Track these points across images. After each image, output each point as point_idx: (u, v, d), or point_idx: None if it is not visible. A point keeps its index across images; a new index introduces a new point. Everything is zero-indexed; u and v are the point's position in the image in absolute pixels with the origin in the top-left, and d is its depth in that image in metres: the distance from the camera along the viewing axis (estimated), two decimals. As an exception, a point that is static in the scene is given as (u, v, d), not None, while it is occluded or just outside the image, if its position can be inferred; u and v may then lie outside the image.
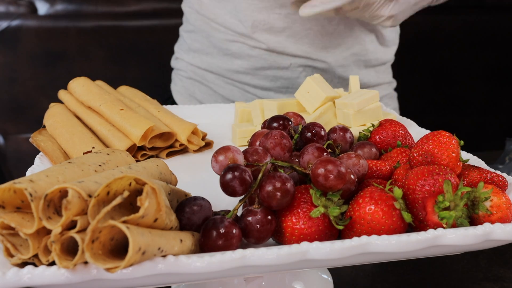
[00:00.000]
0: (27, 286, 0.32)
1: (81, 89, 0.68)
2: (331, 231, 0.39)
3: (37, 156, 0.57)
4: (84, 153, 0.55)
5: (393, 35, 0.99)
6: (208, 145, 0.68)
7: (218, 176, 0.41)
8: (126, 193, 0.32)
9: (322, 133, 0.53)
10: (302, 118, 0.61)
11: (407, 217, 0.38)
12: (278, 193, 0.38)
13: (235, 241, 0.37)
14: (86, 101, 0.66)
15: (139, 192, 0.34)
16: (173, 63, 1.07)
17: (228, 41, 0.91)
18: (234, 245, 0.37)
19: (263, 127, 0.61)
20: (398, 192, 0.39)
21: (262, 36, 0.88)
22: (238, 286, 0.49)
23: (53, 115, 0.64)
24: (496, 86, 1.83)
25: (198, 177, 0.59)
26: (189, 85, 1.02)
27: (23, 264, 0.34)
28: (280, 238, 0.40)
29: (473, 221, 0.41)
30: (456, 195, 0.39)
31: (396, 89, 1.08)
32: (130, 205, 0.35)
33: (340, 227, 0.39)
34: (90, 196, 0.33)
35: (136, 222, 0.32)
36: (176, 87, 1.06)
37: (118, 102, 0.65)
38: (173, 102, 1.06)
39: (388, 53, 1.00)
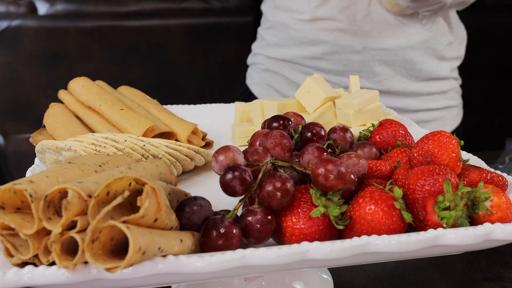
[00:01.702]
0: (27, 286, 0.32)
1: (81, 89, 0.67)
2: (331, 231, 0.39)
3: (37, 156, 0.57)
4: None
5: (462, 31, 1.05)
6: (208, 145, 0.68)
7: (218, 176, 0.41)
8: (126, 193, 0.32)
9: (322, 133, 0.53)
10: (302, 118, 0.61)
11: (407, 217, 0.38)
12: (278, 193, 0.38)
13: (235, 241, 0.37)
14: (86, 101, 0.66)
15: (139, 192, 0.34)
16: (250, 59, 1.16)
17: (305, 28, 0.98)
18: (234, 245, 0.37)
19: (263, 127, 0.61)
20: (398, 192, 0.39)
21: (340, 15, 0.93)
22: (238, 286, 0.49)
23: (53, 115, 0.64)
24: (496, 86, 1.83)
25: (198, 177, 0.59)
26: (266, 76, 1.10)
27: (23, 264, 0.34)
28: (280, 238, 0.40)
29: (473, 221, 0.41)
30: (456, 195, 0.39)
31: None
32: (130, 205, 0.35)
33: (340, 227, 0.39)
34: (90, 196, 0.33)
35: (136, 222, 0.32)
36: (253, 80, 1.13)
37: (118, 102, 0.65)
38: (250, 95, 1.14)
39: (460, 51, 1.04)
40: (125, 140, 0.52)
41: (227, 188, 0.40)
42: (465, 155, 0.54)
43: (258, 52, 1.11)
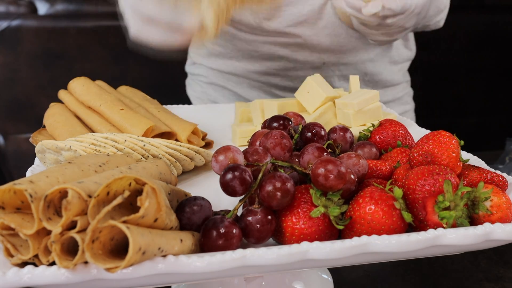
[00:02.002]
0: (27, 286, 0.32)
1: (81, 89, 0.67)
2: (331, 231, 0.39)
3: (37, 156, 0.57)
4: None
5: (411, 35, 1.01)
6: (208, 145, 0.68)
7: (218, 176, 0.41)
8: (126, 193, 0.32)
9: (322, 133, 0.53)
10: (302, 118, 0.61)
11: (407, 217, 0.38)
12: (278, 193, 0.38)
13: (235, 241, 0.37)
14: (86, 101, 0.66)
15: (139, 192, 0.34)
16: (189, 68, 1.04)
17: (257, 42, 0.87)
18: (234, 245, 0.37)
19: (263, 127, 0.61)
20: (398, 192, 0.39)
21: (296, 30, 0.84)
22: (238, 286, 0.49)
23: (53, 115, 0.64)
24: (496, 86, 1.83)
25: (198, 177, 0.59)
26: (210, 91, 0.99)
27: (23, 264, 0.34)
28: (280, 238, 0.40)
29: (473, 221, 0.41)
30: (456, 195, 0.39)
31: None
32: (130, 205, 0.35)
33: (340, 227, 0.39)
34: (90, 196, 0.33)
35: (136, 222, 0.32)
36: (195, 93, 1.03)
37: (118, 102, 0.65)
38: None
39: (410, 52, 1.01)
40: (125, 140, 0.52)
41: (227, 188, 0.40)
42: (465, 155, 0.54)
43: (198, 62, 0.99)
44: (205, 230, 0.37)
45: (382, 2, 0.70)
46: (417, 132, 0.64)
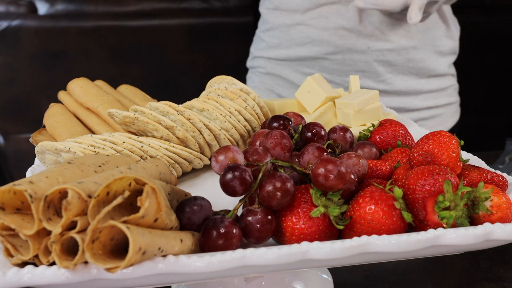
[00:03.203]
0: (27, 286, 0.32)
1: (80, 90, 0.68)
2: (331, 231, 0.39)
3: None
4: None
5: (456, 25, 1.04)
6: (208, 145, 0.68)
7: (218, 176, 0.41)
8: (127, 193, 0.32)
9: (322, 133, 0.53)
10: (302, 118, 0.61)
11: (407, 217, 0.38)
12: (278, 193, 0.38)
13: (235, 241, 0.37)
14: (84, 103, 0.66)
15: (139, 192, 0.34)
16: (250, 63, 1.14)
17: (308, 28, 0.96)
18: (234, 245, 0.37)
19: (263, 127, 0.61)
20: (398, 192, 0.39)
21: (343, 15, 0.93)
22: (238, 286, 0.49)
23: (53, 115, 0.64)
24: (496, 86, 1.83)
25: (198, 177, 0.59)
26: (267, 80, 1.08)
27: (23, 264, 0.34)
28: (280, 238, 0.40)
29: (473, 221, 0.41)
30: (456, 195, 0.39)
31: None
32: (130, 205, 0.35)
33: (340, 227, 0.39)
34: (90, 196, 0.33)
35: (136, 222, 0.32)
36: (254, 83, 1.12)
37: (116, 103, 0.65)
38: None
39: (454, 43, 1.03)
40: (123, 142, 0.52)
41: (227, 188, 0.40)
42: (465, 155, 0.54)
43: (258, 55, 1.10)
44: (205, 230, 0.37)
45: None
46: (417, 132, 0.64)
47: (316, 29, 0.96)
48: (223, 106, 0.59)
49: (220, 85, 0.65)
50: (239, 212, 0.41)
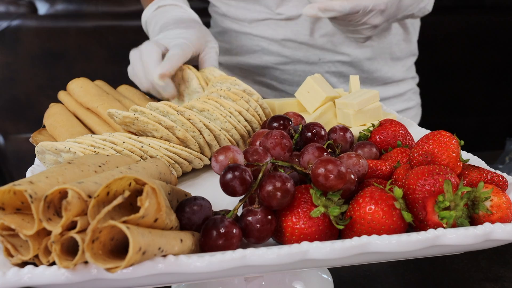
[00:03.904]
0: (27, 286, 0.32)
1: (79, 91, 0.68)
2: (331, 231, 0.39)
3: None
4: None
5: (415, 27, 1.01)
6: (208, 145, 0.68)
7: (218, 176, 0.41)
8: (127, 193, 0.32)
9: (322, 133, 0.53)
10: (302, 118, 0.61)
11: (407, 216, 0.38)
12: (278, 193, 0.38)
13: (235, 241, 0.37)
14: (84, 103, 0.66)
15: (139, 192, 0.34)
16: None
17: (259, 37, 0.94)
18: (234, 245, 0.37)
19: (263, 127, 0.61)
20: (398, 192, 0.39)
21: (294, 27, 0.90)
22: (238, 286, 0.49)
23: (53, 115, 0.64)
24: (496, 86, 1.83)
25: (198, 177, 0.59)
26: None
27: (23, 264, 0.34)
28: (280, 238, 0.40)
29: (474, 221, 0.41)
30: (456, 195, 0.39)
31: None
32: (130, 205, 0.35)
33: (340, 227, 0.39)
34: (90, 196, 0.33)
35: (136, 222, 0.32)
36: None
37: (116, 103, 0.65)
38: None
39: (412, 46, 1.01)
40: (123, 142, 0.52)
41: (227, 188, 0.40)
42: (465, 155, 0.54)
43: None
44: (205, 230, 0.37)
45: (321, 4, 0.71)
46: (417, 132, 0.64)
47: (266, 39, 0.93)
48: (224, 106, 0.59)
49: (223, 85, 0.65)
50: (239, 212, 0.41)
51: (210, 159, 0.59)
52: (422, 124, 0.92)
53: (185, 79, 0.67)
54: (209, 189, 0.54)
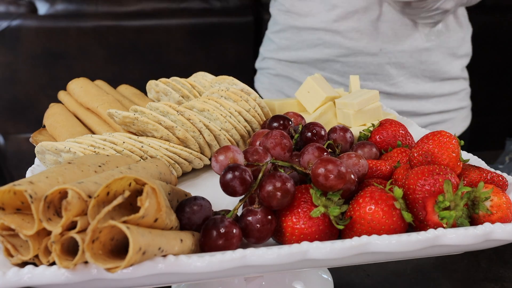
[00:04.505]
0: (27, 285, 0.32)
1: (80, 91, 0.68)
2: (332, 231, 0.39)
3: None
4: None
5: (469, 27, 1.04)
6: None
7: (218, 176, 0.41)
8: (127, 193, 0.32)
9: (322, 133, 0.53)
10: (302, 118, 0.61)
11: (408, 216, 0.38)
12: (279, 193, 0.38)
13: (235, 241, 0.37)
14: (84, 103, 0.66)
15: (139, 192, 0.34)
16: (259, 64, 1.13)
17: (320, 31, 0.95)
18: (234, 244, 0.37)
19: (263, 127, 0.61)
20: (398, 192, 0.39)
21: (354, 17, 0.92)
22: (238, 286, 0.49)
23: (53, 115, 0.64)
24: (496, 86, 1.83)
25: (198, 177, 0.59)
26: (277, 82, 1.07)
27: (23, 264, 0.34)
28: (280, 237, 0.40)
29: (474, 221, 0.41)
30: (457, 194, 0.39)
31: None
32: (130, 206, 0.35)
33: (341, 227, 0.39)
34: (90, 196, 0.33)
35: (137, 222, 0.32)
36: (263, 85, 1.12)
37: (116, 103, 0.65)
38: None
39: (467, 45, 1.03)
40: (123, 142, 0.52)
41: (228, 188, 0.40)
42: (465, 155, 0.54)
43: (268, 56, 1.08)
44: (205, 230, 0.37)
45: None
46: (417, 132, 0.64)
47: (328, 31, 0.95)
48: (224, 106, 0.59)
49: (221, 85, 0.65)
50: (239, 212, 0.41)
51: (210, 159, 0.59)
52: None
53: (164, 92, 0.67)
54: (209, 189, 0.54)
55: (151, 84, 0.68)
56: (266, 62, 1.09)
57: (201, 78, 0.72)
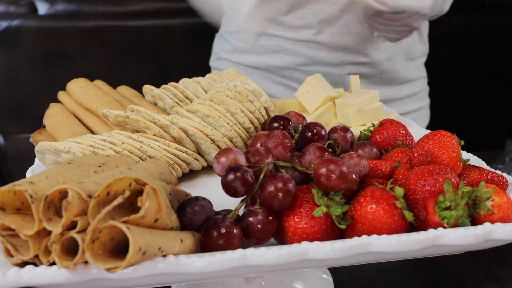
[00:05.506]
0: (27, 285, 0.32)
1: (79, 91, 0.68)
2: (333, 231, 0.39)
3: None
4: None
5: (426, 27, 1.02)
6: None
7: (219, 177, 0.41)
8: (127, 193, 0.32)
9: (323, 132, 0.53)
10: (303, 118, 0.61)
11: (409, 216, 0.38)
12: (280, 194, 0.38)
13: (236, 241, 0.37)
14: (84, 103, 0.66)
15: (139, 192, 0.34)
16: (214, 63, 1.09)
17: (280, 38, 0.92)
18: (235, 245, 0.37)
19: (263, 128, 0.61)
20: (399, 191, 0.39)
21: (318, 27, 0.90)
22: (238, 286, 0.49)
23: (53, 115, 0.64)
24: (496, 86, 1.83)
25: (198, 178, 0.59)
26: None
27: (23, 264, 0.34)
28: (282, 237, 0.40)
29: (474, 220, 0.41)
30: (457, 194, 0.39)
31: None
32: (130, 206, 0.34)
33: (343, 227, 0.39)
34: (90, 196, 0.33)
35: (137, 222, 0.32)
36: None
37: (115, 104, 0.65)
38: None
39: (425, 46, 1.03)
40: (123, 143, 0.52)
41: (229, 189, 0.39)
42: (465, 155, 0.54)
43: (223, 57, 1.04)
44: (205, 229, 0.37)
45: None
46: (417, 132, 0.64)
47: (288, 39, 0.92)
48: (230, 112, 0.59)
49: (231, 83, 0.65)
50: (241, 213, 0.41)
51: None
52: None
53: (159, 97, 0.67)
54: (209, 190, 0.54)
55: (146, 89, 0.68)
56: (222, 62, 1.05)
57: (214, 74, 0.72)
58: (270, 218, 0.39)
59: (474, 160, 0.53)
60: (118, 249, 0.33)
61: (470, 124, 1.86)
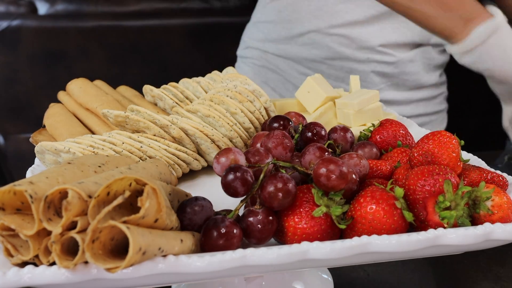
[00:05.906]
0: (27, 285, 0.32)
1: (79, 91, 0.68)
2: (333, 231, 0.39)
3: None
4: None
5: None
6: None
7: (218, 177, 0.41)
8: (127, 193, 0.32)
9: (323, 132, 0.53)
10: (304, 118, 0.61)
11: (409, 216, 0.38)
12: (280, 194, 0.38)
13: (236, 241, 0.37)
14: (83, 103, 0.66)
15: (139, 192, 0.34)
16: (242, 52, 1.11)
17: (311, 32, 0.95)
18: (235, 245, 0.37)
19: (263, 128, 0.61)
20: (399, 191, 0.39)
21: (349, 27, 0.93)
22: (238, 286, 0.49)
23: (53, 115, 0.64)
24: (496, 86, 1.83)
25: (198, 178, 0.59)
26: (262, 73, 1.07)
27: (23, 264, 0.34)
28: (282, 237, 0.40)
29: (474, 220, 0.41)
30: (457, 194, 0.39)
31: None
32: (130, 206, 0.34)
33: (342, 227, 0.39)
34: (90, 196, 0.33)
35: (137, 222, 0.32)
36: (245, 74, 1.10)
37: (115, 104, 0.65)
38: None
39: (447, 56, 1.04)
40: (123, 143, 0.52)
41: (229, 189, 0.39)
42: (465, 155, 0.54)
43: (253, 46, 1.07)
44: (205, 230, 0.37)
45: None
46: (417, 132, 0.64)
47: (319, 32, 0.95)
48: (229, 105, 0.59)
49: (231, 83, 0.65)
50: (240, 213, 0.41)
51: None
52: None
53: (159, 97, 0.67)
54: (209, 191, 0.54)
55: (146, 89, 0.69)
56: (251, 51, 1.08)
57: (214, 74, 0.72)
58: (270, 218, 0.39)
59: (474, 160, 0.53)
60: (118, 249, 0.33)
61: (470, 124, 1.86)
